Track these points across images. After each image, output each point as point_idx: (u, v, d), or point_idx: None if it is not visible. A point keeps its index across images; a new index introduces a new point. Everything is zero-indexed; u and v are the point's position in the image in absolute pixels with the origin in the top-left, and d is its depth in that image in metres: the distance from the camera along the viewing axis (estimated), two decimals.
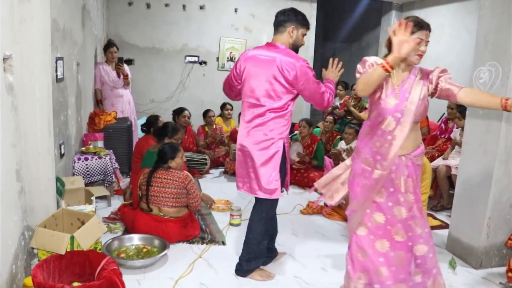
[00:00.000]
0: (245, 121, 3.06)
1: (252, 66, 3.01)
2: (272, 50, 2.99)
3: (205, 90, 8.17)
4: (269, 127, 2.97)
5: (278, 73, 2.91)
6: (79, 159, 4.50)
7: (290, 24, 3.03)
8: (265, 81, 2.95)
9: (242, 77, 3.09)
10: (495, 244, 3.57)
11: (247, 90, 3.04)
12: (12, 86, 2.51)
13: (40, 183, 2.96)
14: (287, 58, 2.92)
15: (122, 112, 6.02)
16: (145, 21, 7.74)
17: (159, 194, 3.73)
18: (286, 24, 3.03)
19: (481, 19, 3.52)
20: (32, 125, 2.84)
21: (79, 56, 4.73)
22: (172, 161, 3.83)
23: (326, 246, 3.85)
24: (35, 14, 2.77)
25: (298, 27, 3.05)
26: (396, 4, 8.46)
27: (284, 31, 3.04)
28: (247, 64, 3.05)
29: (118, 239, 3.54)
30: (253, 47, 3.15)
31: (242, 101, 3.12)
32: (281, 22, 3.05)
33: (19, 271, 2.63)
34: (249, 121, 3.03)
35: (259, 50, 3.05)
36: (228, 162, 6.06)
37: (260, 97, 2.97)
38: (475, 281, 3.41)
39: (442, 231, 4.27)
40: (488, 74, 3.40)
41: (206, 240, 3.83)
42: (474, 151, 3.59)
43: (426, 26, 2.46)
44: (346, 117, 6.97)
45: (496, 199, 3.46)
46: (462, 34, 6.90)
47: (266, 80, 2.95)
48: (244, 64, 3.06)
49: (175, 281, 3.14)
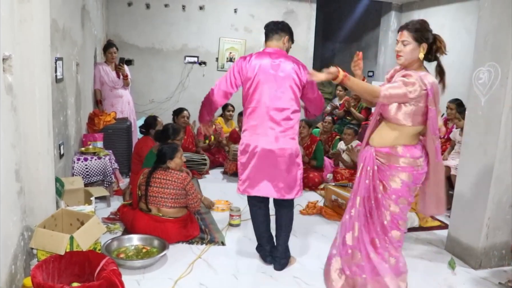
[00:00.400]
0: (269, 127, 3.14)
1: (268, 74, 3.11)
2: (282, 56, 3.17)
3: (204, 90, 7.95)
4: (295, 130, 3.20)
5: (296, 78, 3.13)
6: (79, 160, 4.49)
7: (285, 34, 3.24)
8: (288, 86, 3.12)
9: (253, 84, 3.15)
10: (494, 245, 3.57)
11: (266, 96, 3.12)
12: (11, 87, 2.51)
13: (39, 183, 2.96)
14: (298, 62, 3.18)
15: (122, 112, 6.02)
16: (145, 21, 7.74)
17: (158, 194, 3.73)
18: (281, 33, 3.23)
19: (480, 20, 3.52)
20: (31, 126, 2.84)
21: (78, 56, 4.73)
22: (171, 162, 3.83)
23: (325, 247, 3.83)
24: (34, 14, 2.76)
25: (289, 40, 3.28)
26: (396, 4, 8.46)
27: (279, 39, 3.23)
28: (260, 72, 3.13)
29: (117, 240, 3.54)
30: (255, 54, 3.22)
31: (255, 107, 3.17)
32: (277, 30, 3.23)
33: (18, 271, 2.63)
34: (275, 126, 3.13)
35: (269, 58, 3.15)
36: (227, 162, 6.06)
37: (286, 102, 3.13)
38: (475, 281, 3.41)
39: (441, 232, 4.28)
40: (487, 74, 3.41)
41: (206, 240, 3.83)
42: (474, 152, 3.59)
43: (402, 28, 2.62)
44: (345, 117, 6.97)
45: (495, 199, 3.47)
46: (461, 34, 6.90)
47: (289, 85, 3.12)
48: (255, 71, 3.14)
49: (175, 281, 3.14)
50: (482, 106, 3.48)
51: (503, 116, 3.31)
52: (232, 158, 5.92)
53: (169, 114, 6.53)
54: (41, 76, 2.88)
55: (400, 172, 2.65)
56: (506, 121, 3.33)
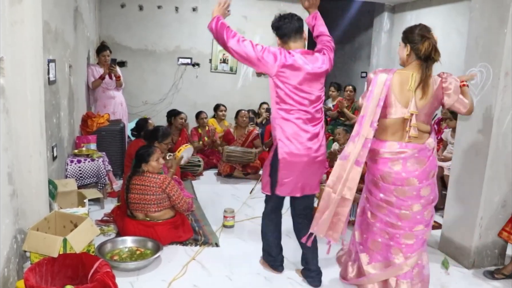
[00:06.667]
0: (304, 130, 2.98)
1: (309, 75, 2.95)
2: (313, 56, 3.04)
3: (198, 92, 8.17)
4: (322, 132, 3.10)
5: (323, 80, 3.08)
6: (72, 162, 4.47)
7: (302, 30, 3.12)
8: (320, 89, 3.04)
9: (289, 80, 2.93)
10: (487, 244, 3.60)
11: (304, 98, 2.96)
12: (3, 89, 2.50)
13: (32, 186, 2.94)
14: None
15: (114, 113, 6.00)
16: (138, 23, 7.74)
17: (140, 201, 3.67)
18: (302, 30, 3.11)
19: (471, 21, 3.55)
20: (24, 128, 2.83)
21: (71, 58, 4.72)
22: (146, 165, 3.72)
23: (320, 248, 3.84)
24: (26, 16, 2.75)
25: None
26: (388, 5, 8.51)
27: (301, 37, 3.10)
28: (300, 72, 2.92)
29: (111, 242, 3.53)
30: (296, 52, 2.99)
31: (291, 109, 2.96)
32: (300, 29, 3.08)
33: (11, 274, 2.61)
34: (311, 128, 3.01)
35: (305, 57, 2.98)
36: (221, 164, 6.05)
37: (318, 105, 3.04)
38: (468, 280, 3.43)
39: (435, 231, 4.27)
40: (479, 75, 3.43)
41: (200, 242, 3.82)
42: (466, 152, 3.61)
43: None
44: (339, 118, 6.98)
45: (487, 199, 3.49)
46: (453, 35, 6.95)
47: (321, 88, 3.05)
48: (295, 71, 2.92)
49: (169, 283, 3.14)
50: (474, 106, 3.49)
51: (495, 116, 3.34)
52: (225, 160, 5.92)
53: (162, 116, 6.53)
54: (33, 78, 2.87)
55: None
56: (498, 121, 3.35)
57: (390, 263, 2.91)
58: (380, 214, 2.90)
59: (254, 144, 6.32)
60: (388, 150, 2.79)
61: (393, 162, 2.78)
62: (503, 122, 3.37)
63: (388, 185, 2.82)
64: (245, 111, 6.47)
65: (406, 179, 2.76)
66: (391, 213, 2.85)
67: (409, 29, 2.79)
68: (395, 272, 2.89)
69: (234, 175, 6.00)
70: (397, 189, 2.80)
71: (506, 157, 3.45)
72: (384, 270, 2.94)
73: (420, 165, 2.77)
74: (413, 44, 2.72)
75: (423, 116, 2.77)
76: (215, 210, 4.61)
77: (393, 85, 2.73)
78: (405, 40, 2.78)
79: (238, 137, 6.38)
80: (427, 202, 2.83)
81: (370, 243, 3.02)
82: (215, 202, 4.90)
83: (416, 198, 2.79)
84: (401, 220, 2.83)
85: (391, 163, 2.79)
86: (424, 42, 2.68)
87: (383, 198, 2.86)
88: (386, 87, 2.72)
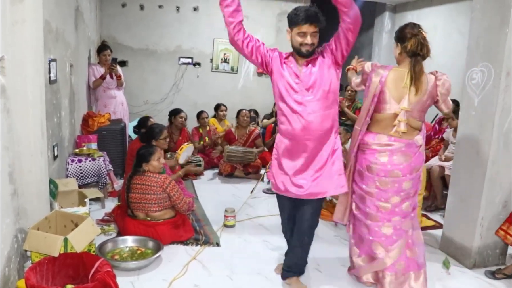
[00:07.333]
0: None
1: None
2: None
3: (198, 91, 8.16)
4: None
5: None
6: (73, 161, 4.47)
7: None
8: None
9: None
10: (488, 244, 3.59)
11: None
12: (4, 88, 2.50)
13: (33, 185, 2.94)
14: None
15: (115, 113, 5.99)
16: (139, 22, 7.73)
17: (140, 201, 3.68)
18: None
19: (473, 21, 3.54)
20: (24, 127, 2.82)
21: (72, 57, 4.72)
22: (147, 165, 3.73)
23: (319, 247, 3.84)
24: (27, 16, 2.75)
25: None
26: (390, 5, 8.49)
27: None
28: None
29: (112, 241, 3.53)
30: None
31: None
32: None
33: (12, 273, 2.61)
34: None
35: None
36: (222, 163, 6.05)
37: None
38: (469, 281, 3.43)
39: (436, 231, 4.29)
40: (480, 74, 3.42)
41: (200, 241, 3.82)
42: (467, 152, 3.61)
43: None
44: (340, 117, 6.96)
45: (489, 199, 3.48)
46: (454, 35, 6.93)
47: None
48: None
49: (169, 282, 3.13)
50: (475, 106, 3.50)
51: (496, 116, 3.33)
52: (226, 159, 5.92)
53: (164, 115, 6.53)
54: (34, 77, 2.87)
55: None
56: (499, 121, 3.34)
57: (375, 256, 3.02)
58: (362, 205, 3.02)
59: (255, 144, 6.32)
60: (377, 142, 2.92)
61: (380, 153, 2.91)
62: (504, 122, 3.36)
63: (372, 175, 2.94)
64: (246, 111, 6.47)
65: (390, 171, 2.89)
66: (371, 203, 2.96)
67: (400, 28, 2.92)
68: (381, 265, 3.01)
69: (235, 174, 6.01)
70: (380, 179, 2.92)
71: (507, 157, 3.44)
72: (371, 263, 3.07)
73: (406, 159, 2.88)
74: (402, 42, 2.85)
75: (416, 112, 2.87)
76: (216, 209, 4.60)
77: (388, 82, 2.85)
78: (396, 39, 2.92)
79: (239, 137, 6.39)
80: (406, 195, 2.94)
81: (357, 236, 3.15)
82: (216, 202, 4.89)
83: (397, 190, 2.91)
84: (380, 211, 2.94)
85: (378, 154, 2.92)
86: (410, 39, 2.79)
87: (365, 189, 2.99)
88: (381, 84, 2.84)
